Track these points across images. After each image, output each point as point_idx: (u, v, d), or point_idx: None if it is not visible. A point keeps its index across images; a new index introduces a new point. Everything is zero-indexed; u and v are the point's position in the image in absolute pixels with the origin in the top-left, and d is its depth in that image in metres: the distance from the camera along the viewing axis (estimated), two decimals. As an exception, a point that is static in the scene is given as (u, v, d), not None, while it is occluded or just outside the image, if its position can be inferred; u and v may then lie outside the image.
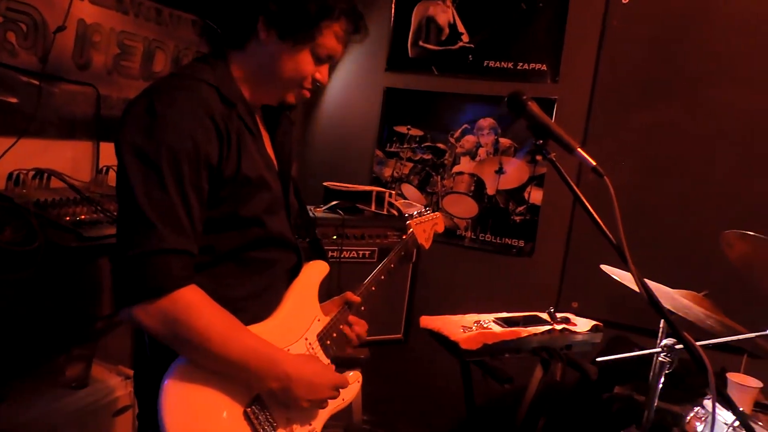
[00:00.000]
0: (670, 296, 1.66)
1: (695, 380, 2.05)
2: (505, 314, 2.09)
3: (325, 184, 2.61)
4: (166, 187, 1.02)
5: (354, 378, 1.42)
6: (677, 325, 1.13)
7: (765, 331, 1.45)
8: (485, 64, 2.87)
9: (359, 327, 1.44)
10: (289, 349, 1.26)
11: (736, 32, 2.36)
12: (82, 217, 1.86)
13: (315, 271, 1.38)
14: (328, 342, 1.36)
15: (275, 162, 1.29)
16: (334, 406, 1.35)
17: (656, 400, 1.58)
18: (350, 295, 1.44)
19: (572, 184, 1.21)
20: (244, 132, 1.17)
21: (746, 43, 2.35)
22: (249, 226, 1.19)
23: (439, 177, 3.00)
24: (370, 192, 2.49)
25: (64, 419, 1.82)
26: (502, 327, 1.97)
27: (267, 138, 1.30)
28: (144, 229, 1.01)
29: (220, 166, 1.10)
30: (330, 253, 2.32)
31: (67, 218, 1.81)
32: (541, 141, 1.27)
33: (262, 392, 1.18)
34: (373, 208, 2.49)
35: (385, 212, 2.49)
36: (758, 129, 2.34)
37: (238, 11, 1.17)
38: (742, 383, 1.97)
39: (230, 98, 1.15)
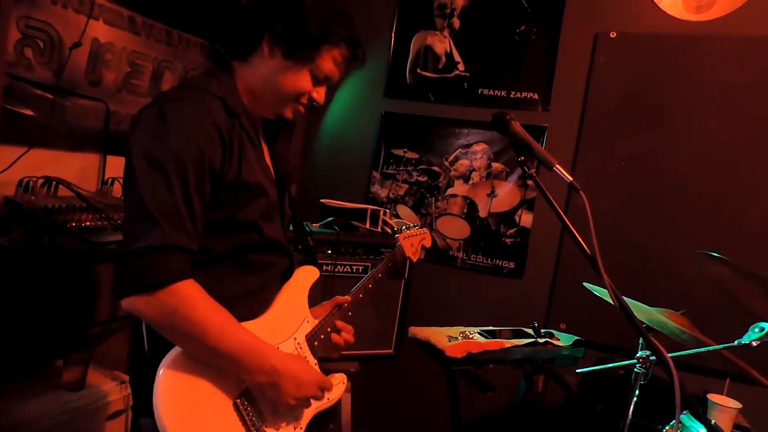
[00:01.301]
0: (648, 313, 1.72)
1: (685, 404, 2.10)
2: (490, 327, 2.15)
3: (322, 201, 2.69)
4: (172, 188, 1.10)
5: (339, 379, 1.47)
6: (645, 331, 1.20)
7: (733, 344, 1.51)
8: (480, 92, 2.98)
9: (346, 333, 1.50)
10: (278, 347, 1.32)
11: (717, 69, 2.48)
12: (87, 223, 1.93)
13: (306, 275, 1.45)
14: (316, 343, 1.42)
15: (273, 172, 1.37)
16: (319, 405, 1.40)
17: (631, 409, 1.63)
18: (339, 299, 1.51)
19: (549, 195, 1.30)
20: (245, 141, 1.25)
21: (726, 79, 2.46)
22: (246, 229, 1.27)
23: (433, 199, 3.09)
24: (365, 210, 2.57)
25: (59, 420, 1.85)
26: (487, 338, 2.03)
27: (266, 150, 1.38)
28: (149, 225, 1.09)
29: (222, 171, 1.18)
30: (324, 267, 2.38)
31: (73, 224, 1.88)
32: (523, 158, 1.36)
33: (252, 386, 1.24)
34: (367, 225, 2.56)
35: (379, 230, 2.57)
36: (735, 159, 2.44)
37: (246, 27, 1.26)
38: (722, 404, 2.02)
39: (234, 109, 1.24)
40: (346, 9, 1.28)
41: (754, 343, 1.47)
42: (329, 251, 2.39)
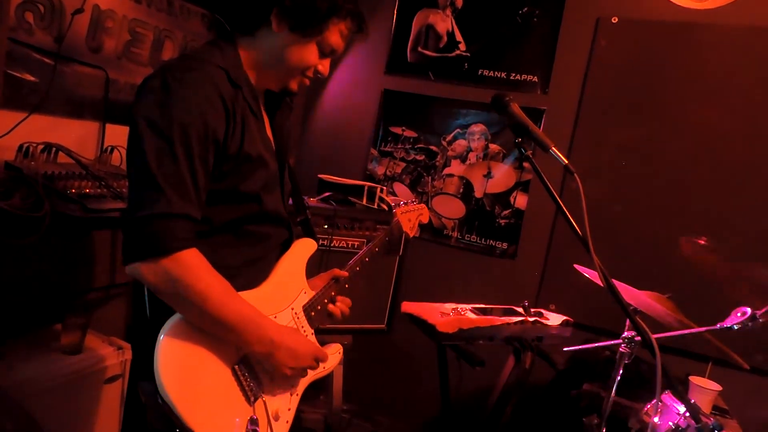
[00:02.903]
0: (635, 295, 1.77)
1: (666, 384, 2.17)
2: (482, 305, 2.20)
3: (319, 176, 2.71)
4: (177, 157, 1.12)
5: (335, 349, 1.51)
6: (631, 312, 1.25)
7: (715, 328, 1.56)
8: (480, 72, 2.99)
9: (342, 303, 1.54)
10: (276, 317, 1.35)
11: (717, 58, 2.49)
12: (87, 190, 1.95)
13: (304, 248, 1.48)
14: (313, 314, 1.46)
15: (273, 144, 1.39)
16: (315, 373, 1.44)
17: (615, 388, 1.68)
18: (337, 271, 1.54)
19: (543, 176, 1.33)
20: (248, 113, 1.27)
21: (726, 69, 2.48)
22: (247, 201, 1.29)
23: (429, 178, 3.11)
24: (362, 186, 2.59)
25: (56, 382, 1.88)
26: (478, 315, 2.08)
27: (267, 121, 1.40)
28: (154, 193, 1.11)
29: (226, 142, 1.20)
30: (321, 242, 2.42)
31: (73, 191, 1.90)
32: (520, 139, 1.39)
33: (249, 355, 1.27)
34: (364, 201, 2.58)
35: (375, 206, 2.59)
36: (731, 150, 2.47)
37: (255, 1, 1.27)
38: (702, 385, 2.09)
39: (237, 81, 1.25)
40: None
41: (735, 327, 1.52)
42: (326, 226, 2.42)
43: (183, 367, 1.18)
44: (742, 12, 2.46)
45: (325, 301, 1.49)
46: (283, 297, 1.40)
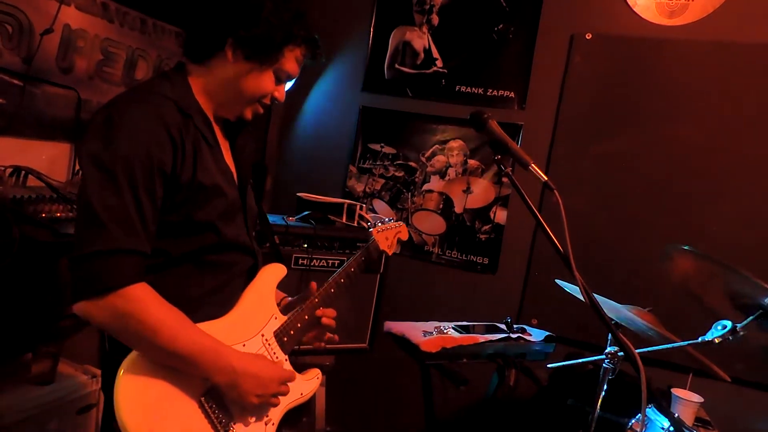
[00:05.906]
0: (616, 309, 1.77)
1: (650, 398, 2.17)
2: (464, 322, 2.18)
3: (298, 194, 2.68)
4: (121, 192, 1.09)
5: (314, 374, 1.48)
6: (613, 327, 1.24)
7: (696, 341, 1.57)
8: (457, 88, 3.00)
9: (327, 318, 1.50)
10: (244, 344, 1.31)
11: (688, 73, 2.54)
12: (58, 214, 1.90)
13: (272, 273, 1.43)
14: (285, 339, 1.41)
15: (233, 170, 1.36)
16: (291, 400, 1.39)
17: (599, 403, 1.68)
18: (310, 292, 1.49)
19: (524, 194, 1.32)
20: (200, 142, 1.24)
21: (696, 83, 2.53)
22: (203, 230, 1.25)
23: (409, 194, 3.11)
24: (342, 204, 2.57)
25: (28, 414, 1.83)
26: (461, 333, 2.06)
27: (226, 148, 1.38)
28: (97, 230, 1.08)
29: (175, 172, 1.17)
30: (300, 261, 2.38)
31: (43, 215, 1.85)
32: (499, 156, 1.38)
33: (215, 386, 1.23)
34: (344, 220, 2.56)
35: (355, 224, 2.57)
36: (704, 162, 2.51)
37: (209, 30, 1.26)
38: (685, 398, 2.09)
39: (187, 110, 1.23)
40: (303, 9, 1.31)
41: (716, 340, 1.53)
42: (305, 245, 2.39)
43: (145, 404, 1.13)
44: (710, 29, 2.52)
45: (299, 325, 1.45)
46: (251, 324, 1.35)
